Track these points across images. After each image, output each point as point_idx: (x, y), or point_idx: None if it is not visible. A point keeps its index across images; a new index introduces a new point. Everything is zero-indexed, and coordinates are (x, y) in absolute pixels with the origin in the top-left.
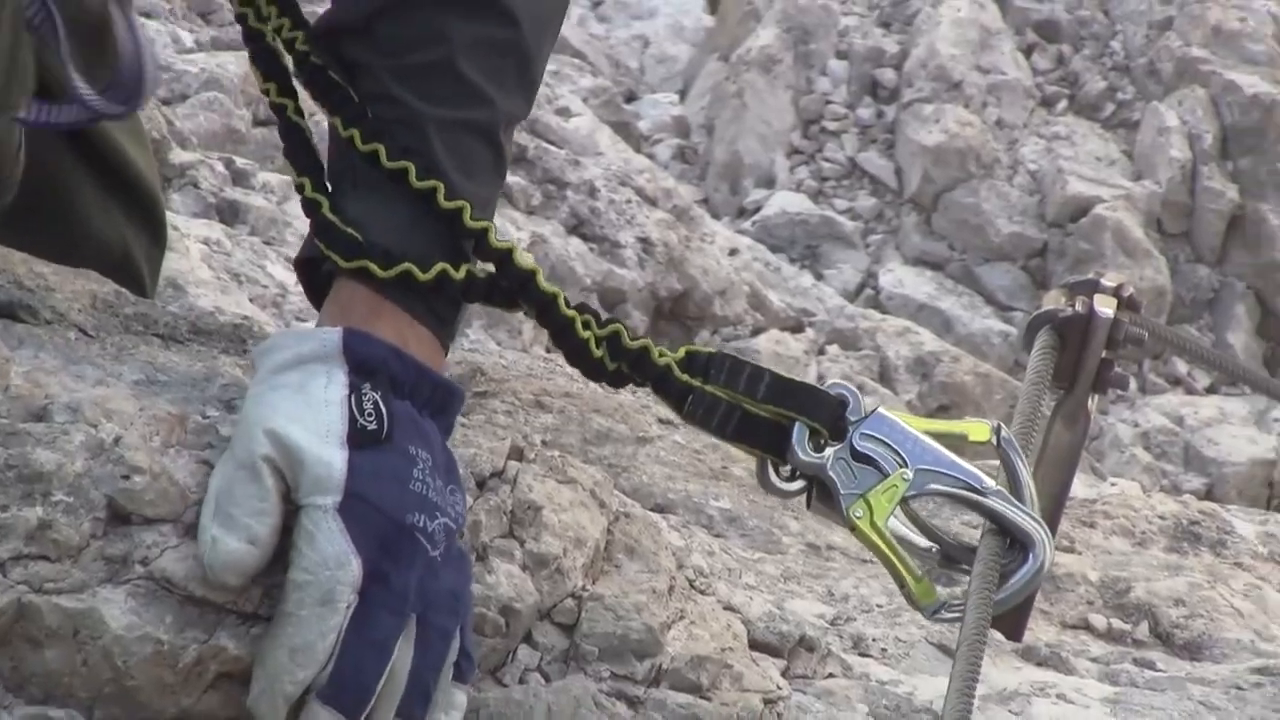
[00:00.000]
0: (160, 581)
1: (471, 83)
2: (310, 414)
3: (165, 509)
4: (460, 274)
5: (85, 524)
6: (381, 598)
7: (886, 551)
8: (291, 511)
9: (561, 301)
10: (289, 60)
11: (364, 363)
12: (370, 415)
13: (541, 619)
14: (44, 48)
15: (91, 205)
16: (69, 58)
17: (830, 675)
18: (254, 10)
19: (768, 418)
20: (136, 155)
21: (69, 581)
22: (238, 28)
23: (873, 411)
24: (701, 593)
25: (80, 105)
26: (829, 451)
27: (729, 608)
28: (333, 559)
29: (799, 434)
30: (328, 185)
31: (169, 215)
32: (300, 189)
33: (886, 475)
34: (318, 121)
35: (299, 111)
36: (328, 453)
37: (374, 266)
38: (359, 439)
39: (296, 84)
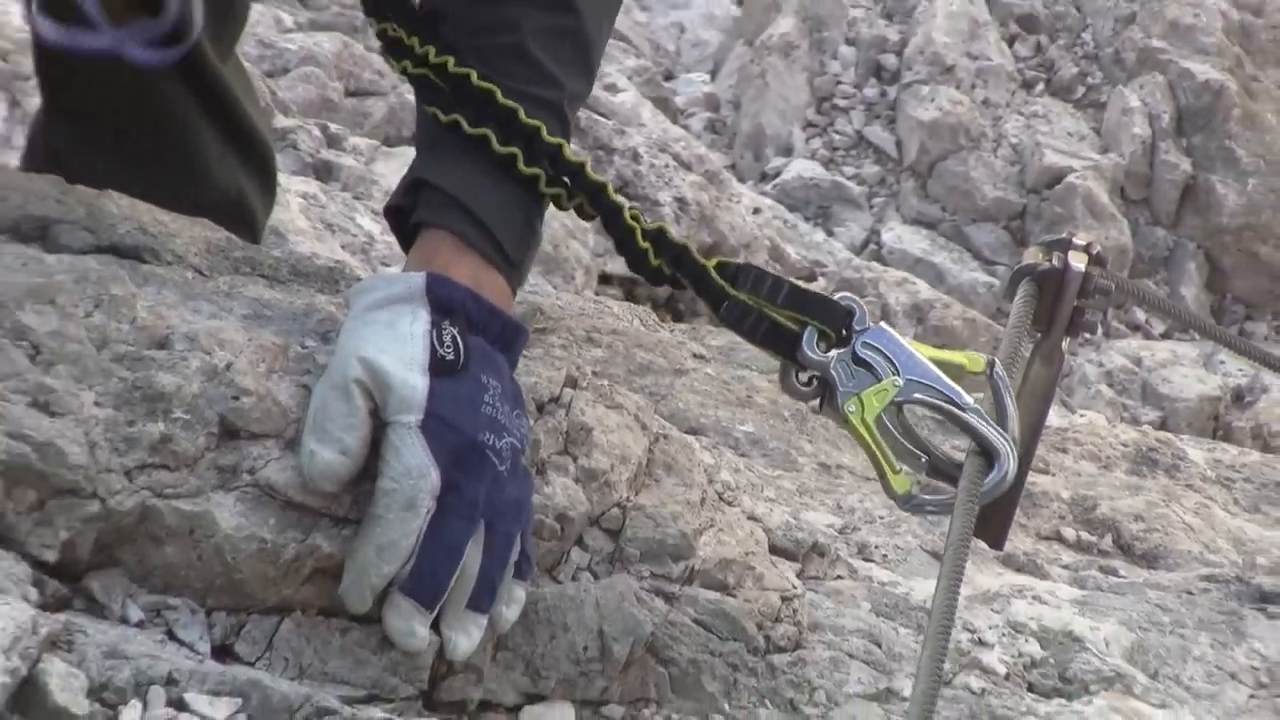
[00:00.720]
0: (264, 489)
1: (540, 64)
2: (397, 345)
3: (269, 426)
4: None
5: (200, 438)
6: (455, 505)
7: (870, 443)
8: (379, 428)
9: (610, 189)
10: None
11: (444, 303)
12: (448, 347)
13: (591, 525)
14: None
15: (212, 154)
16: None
17: (838, 577)
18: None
19: (786, 322)
20: (253, 111)
21: (186, 488)
22: (332, 11)
23: (876, 324)
24: (728, 504)
25: (109, 37)
26: (833, 353)
27: (752, 517)
28: (415, 469)
29: (809, 335)
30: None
31: (279, 176)
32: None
33: (880, 380)
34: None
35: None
36: (412, 378)
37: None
38: (438, 368)
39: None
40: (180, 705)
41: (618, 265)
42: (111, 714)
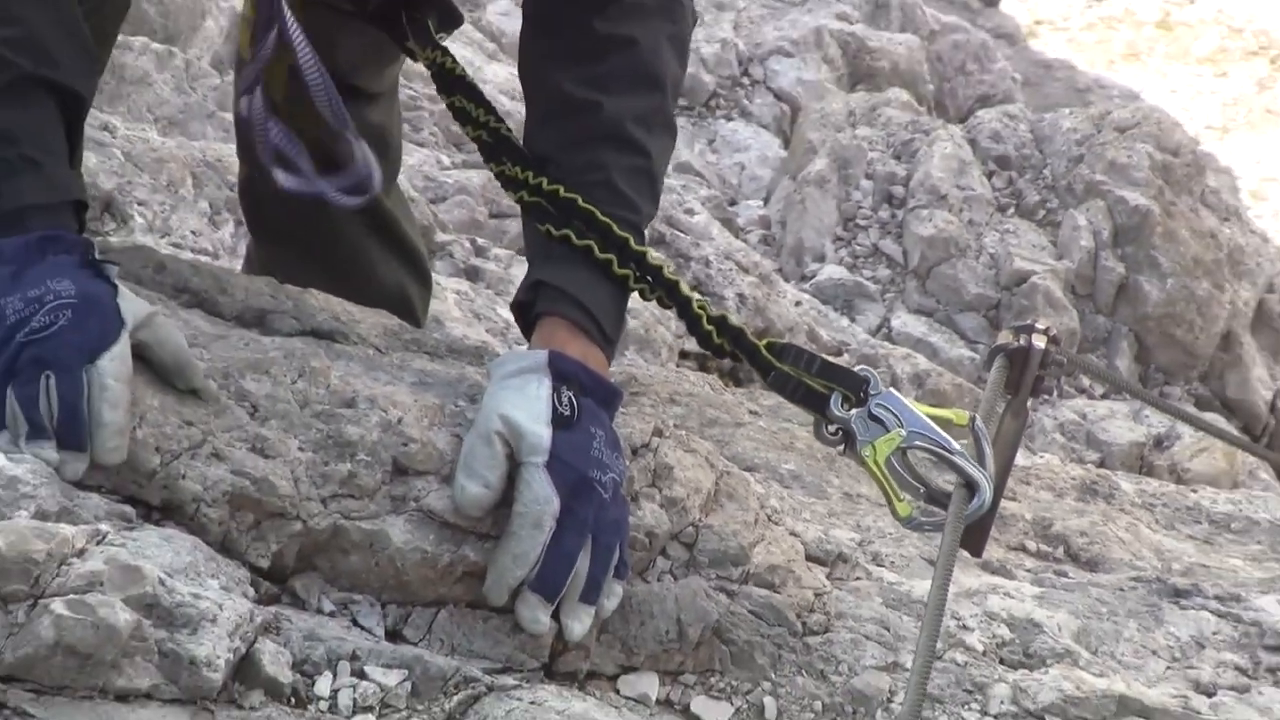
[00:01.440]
0: (426, 513)
1: (624, 194)
2: (527, 404)
3: (430, 465)
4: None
5: (378, 475)
6: (571, 524)
7: (880, 479)
8: (514, 468)
9: (682, 285)
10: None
11: (562, 372)
12: (566, 406)
13: (672, 540)
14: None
15: (378, 263)
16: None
17: (857, 578)
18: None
19: (818, 387)
20: (410, 230)
21: (367, 512)
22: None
23: (886, 389)
24: (775, 523)
25: (319, 185)
26: (854, 412)
27: (792, 533)
28: (542, 498)
29: (835, 398)
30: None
31: (434, 274)
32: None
33: (888, 431)
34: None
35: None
36: (539, 429)
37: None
38: (558, 422)
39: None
40: (361, 675)
41: (693, 344)
42: (309, 682)
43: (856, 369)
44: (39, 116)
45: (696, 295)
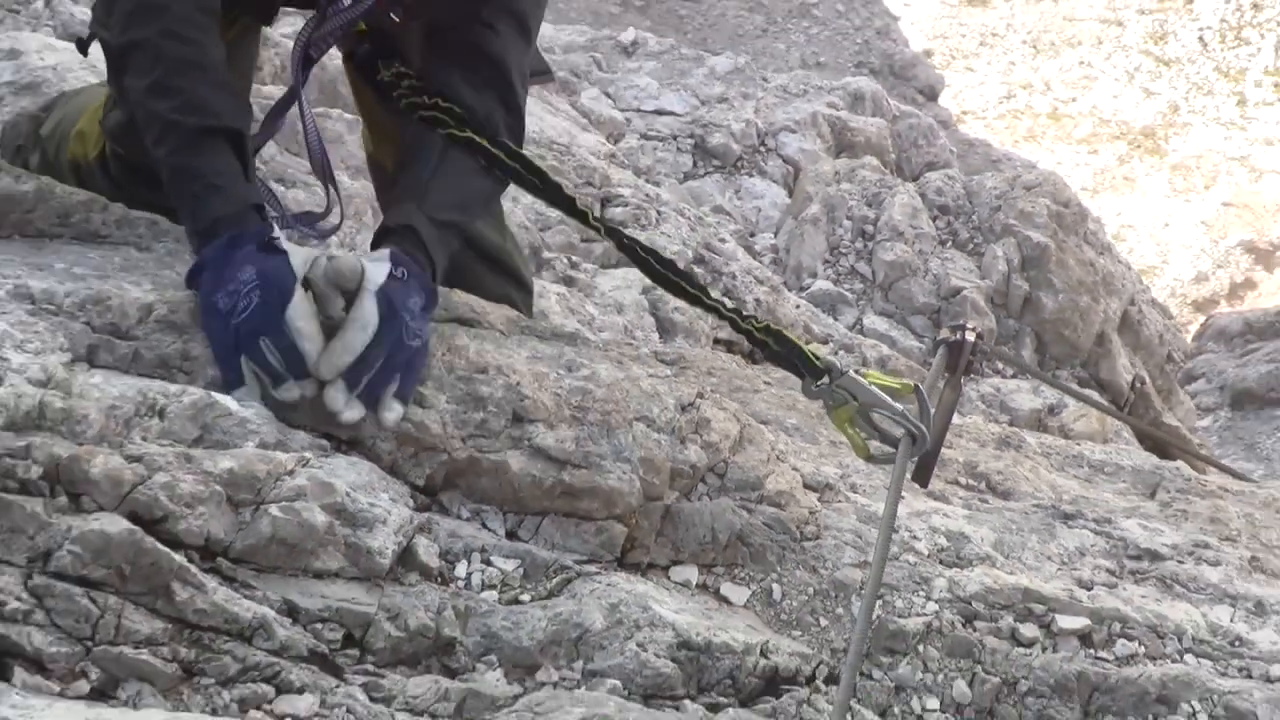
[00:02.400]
0: (536, 448)
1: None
2: (373, 266)
3: (539, 415)
4: None
5: (502, 421)
6: (380, 340)
7: (845, 431)
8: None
9: (708, 293)
10: None
11: (397, 259)
12: (400, 273)
13: (709, 471)
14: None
15: (484, 277)
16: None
17: (839, 501)
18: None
19: (809, 364)
20: (510, 252)
21: (494, 448)
22: None
23: (847, 373)
24: (781, 461)
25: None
26: (825, 383)
27: (794, 469)
28: (369, 312)
29: (812, 374)
30: None
31: (540, 280)
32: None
33: (845, 404)
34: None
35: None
36: (378, 276)
37: None
38: (390, 279)
39: None
40: (488, 562)
41: (725, 333)
42: (451, 567)
43: (823, 359)
44: (212, 153)
45: (727, 301)
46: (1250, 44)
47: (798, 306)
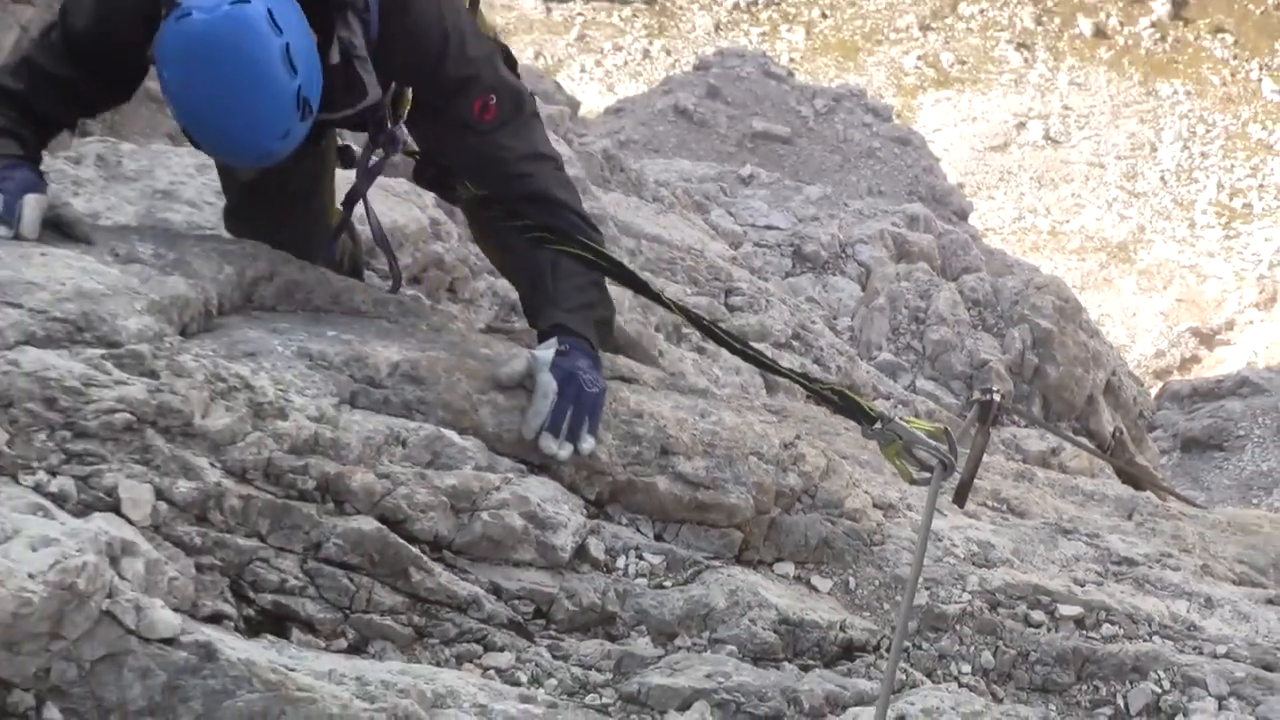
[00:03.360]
0: (677, 474)
1: None
2: (543, 350)
3: (680, 449)
4: None
5: (652, 453)
6: (563, 398)
7: (894, 463)
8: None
9: (796, 372)
10: None
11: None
12: (564, 348)
13: (803, 493)
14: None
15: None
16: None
17: (898, 518)
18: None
19: (865, 414)
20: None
21: (646, 473)
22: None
23: (893, 418)
24: (856, 486)
25: None
26: (877, 427)
27: (866, 492)
28: (546, 383)
29: (867, 421)
30: None
31: (679, 349)
32: None
33: (891, 443)
34: None
35: None
36: (548, 355)
37: None
38: (559, 354)
39: None
40: (640, 557)
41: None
42: (613, 560)
43: (875, 410)
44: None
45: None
46: (1199, 183)
47: (868, 372)
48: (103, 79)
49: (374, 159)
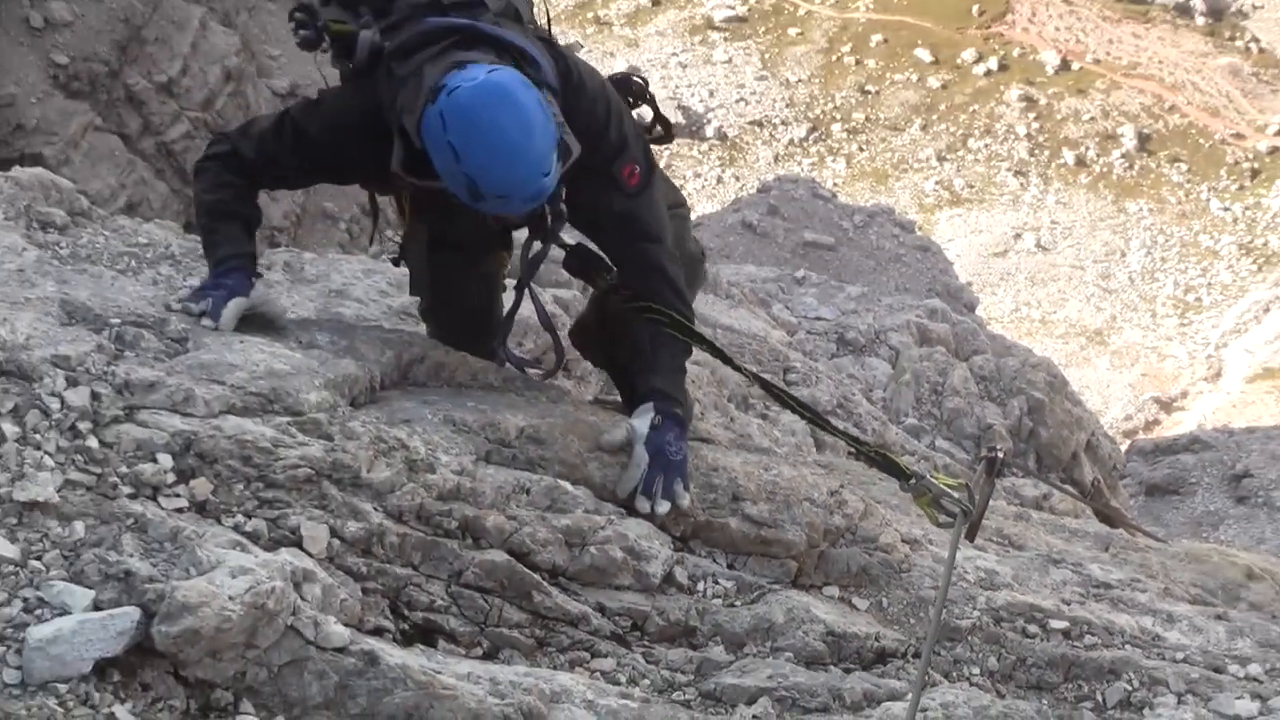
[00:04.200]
0: (746, 516)
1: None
2: (639, 420)
3: (748, 496)
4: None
5: (726, 499)
6: (655, 466)
7: (924, 510)
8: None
9: (832, 424)
10: None
11: (658, 409)
12: (657, 419)
13: (845, 531)
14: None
15: None
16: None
17: (922, 550)
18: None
19: (903, 473)
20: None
21: (720, 516)
22: None
23: (922, 477)
24: (888, 524)
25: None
26: (912, 482)
27: (896, 530)
28: (639, 454)
29: (904, 478)
30: None
31: (748, 418)
32: None
33: (920, 496)
34: None
35: None
36: (642, 429)
37: None
38: (651, 426)
39: None
40: (716, 581)
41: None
42: (694, 584)
43: (909, 469)
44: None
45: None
46: (1159, 282)
47: (897, 433)
48: (313, 172)
49: (534, 250)
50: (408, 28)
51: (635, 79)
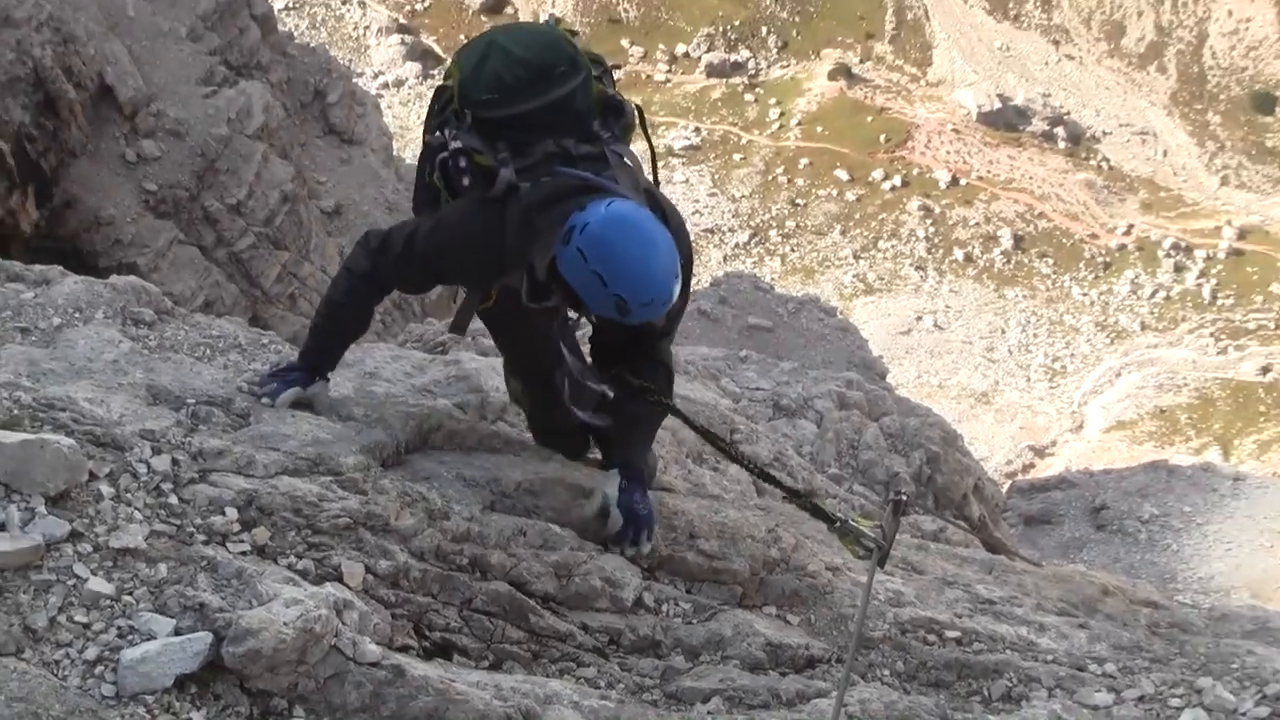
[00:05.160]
0: (704, 552)
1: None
2: (609, 484)
3: (704, 534)
4: None
5: (684, 537)
6: (627, 523)
7: (846, 546)
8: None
9: (788, 486)
10: None
11: (621, 473)
12: (622, 483)
13: (780, 561)
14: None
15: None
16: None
17: (842, 576)
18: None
19: (829, 518)
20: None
21: (680, 550)
22: None
23: (847, 519)
24: (815, 555)
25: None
26: (837, 524)
27: (821, 559)
28: (614, 516)
29: (830, 521)
30: None
31: (701, 470)
32: None
33: (842, 537)
34: None
35: None
36: (612, 492)
37: None
38: (620, 488)
39: None
40: (676, 604)
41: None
42: (660, 606)
43: (834, 514)
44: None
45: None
46: (1033, 354)
47: (822, 481)
48: (433, 280)
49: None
50: (541, 170)
51: (632, 105)
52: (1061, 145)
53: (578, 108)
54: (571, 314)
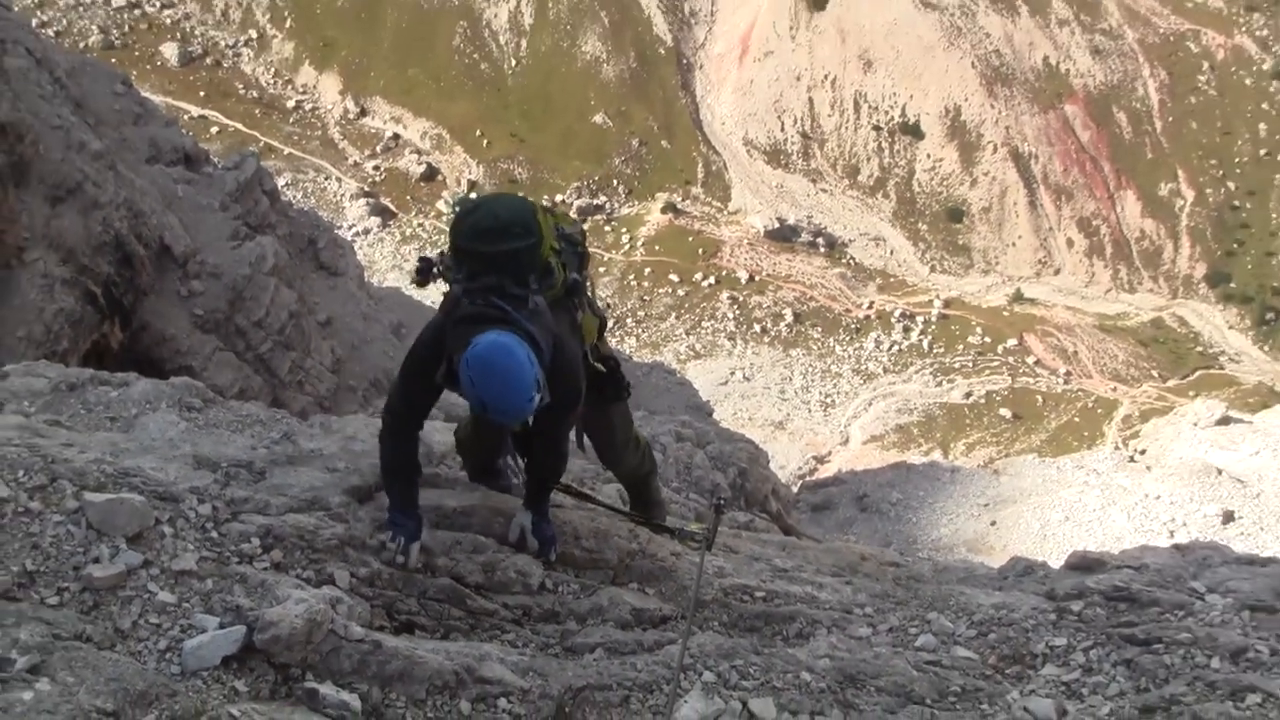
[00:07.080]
0: (586, 549)
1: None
2: (523, 516)
3: (585, 535)
4: None
5: (573, 539)
6: (536, 540)
7: (682, 543)
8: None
9: (625, 510)
10: None
11: (530, 509)
12: (537, 515)
13: (640, 551)
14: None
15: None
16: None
17: (680, 559)
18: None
19: (670, 531)
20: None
21: (569, 548)
22: None
23: (683, 525)
24: (663, 546)
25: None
26: (675, 534)
27: (667, 547)
28: (532, 540)
29: (669, 533)
30: None
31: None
32: None
33: (687, 537)
34: None
35: None
36: (526, 522)
37: None
38: (534, 515)
39: None
40: (569, 585)
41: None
42: (556, 588)
43: (674, 525)
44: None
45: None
46: (811, 392)
47: (668, 493)
48: (432, 389)
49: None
50: (480, 296)
51: (563, 276)
52: (822, 250)
53: (522, 261)
54: None
